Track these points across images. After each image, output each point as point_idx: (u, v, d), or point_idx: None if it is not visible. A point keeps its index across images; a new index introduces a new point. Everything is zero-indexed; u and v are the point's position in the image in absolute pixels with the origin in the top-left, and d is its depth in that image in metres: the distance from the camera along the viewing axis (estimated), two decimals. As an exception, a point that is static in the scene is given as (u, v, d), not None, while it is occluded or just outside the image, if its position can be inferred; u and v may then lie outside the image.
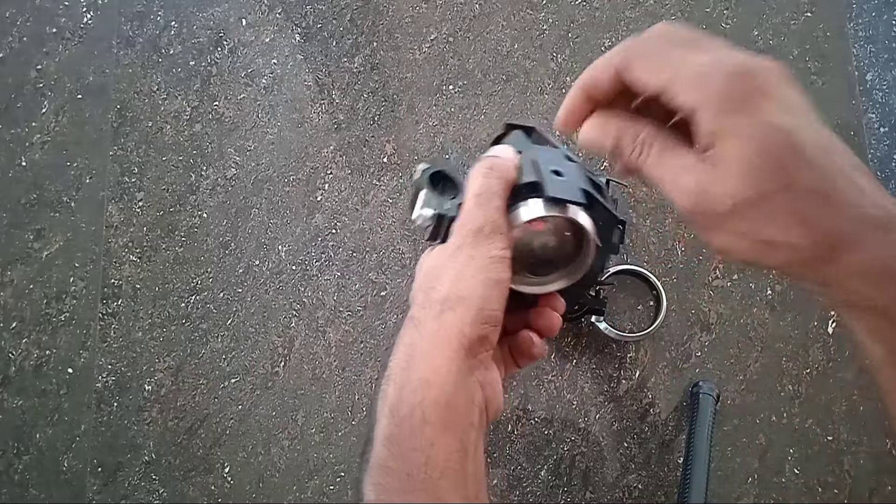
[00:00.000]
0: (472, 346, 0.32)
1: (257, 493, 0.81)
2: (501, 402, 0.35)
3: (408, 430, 0.30)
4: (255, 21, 0.94)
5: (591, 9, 0.93)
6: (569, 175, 0.37)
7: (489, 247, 0.33)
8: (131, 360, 0.85)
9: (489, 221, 0.34)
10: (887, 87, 0.92)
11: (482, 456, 0.32)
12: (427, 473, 0.29)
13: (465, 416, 0.31)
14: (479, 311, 0.32)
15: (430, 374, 0.31)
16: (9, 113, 0.92)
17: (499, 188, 0.35)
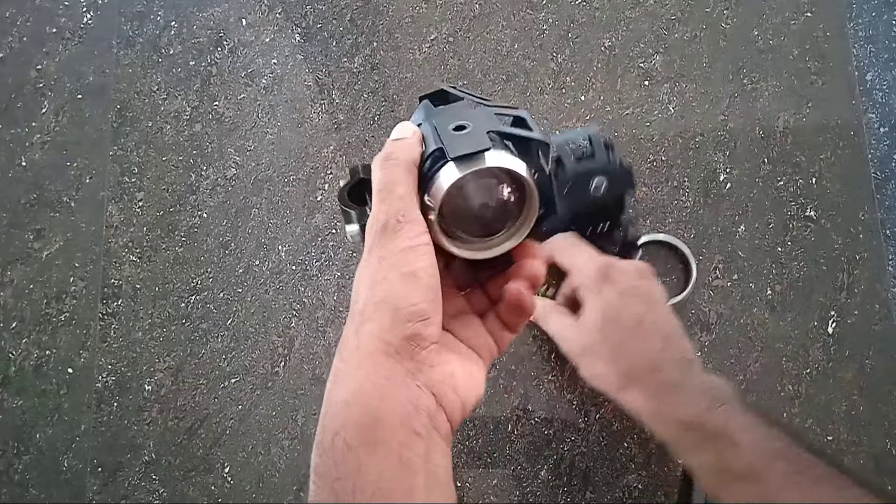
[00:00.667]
0: (399, 350, 0.30)
1: (257, 493, 0.81)
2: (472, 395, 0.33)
3: (331, 461, 0.28)
4: (255, 21, 0.94)
5: (591, 9, 0.93)
6: (473, 124, 0.34)
7: (397, 241, 0.31)
8: (131, 360, 0.85)
9: (392, 214, 0.31)
10: (887, 87, 0.92)
11: (440, 462, 0.29)
12: (354, 499, 0.27)
13: (399, 428, 0.28)
14: (395, 312, 0.30)
15: (350, 394, 0.29)
16: (9, 113, 0.92)
17: (398, 175, 0.32)
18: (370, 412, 0.29)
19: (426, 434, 0.29)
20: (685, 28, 0.92)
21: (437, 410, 0.31)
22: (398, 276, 0.30)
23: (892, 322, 0.84)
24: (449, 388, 0.31)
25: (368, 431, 0.28)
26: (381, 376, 0.29)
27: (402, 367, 0.30)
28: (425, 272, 0.30)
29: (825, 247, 0.85)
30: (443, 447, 0.30)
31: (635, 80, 0.90)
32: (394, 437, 0.28)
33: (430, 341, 0.31)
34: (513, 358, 0.83)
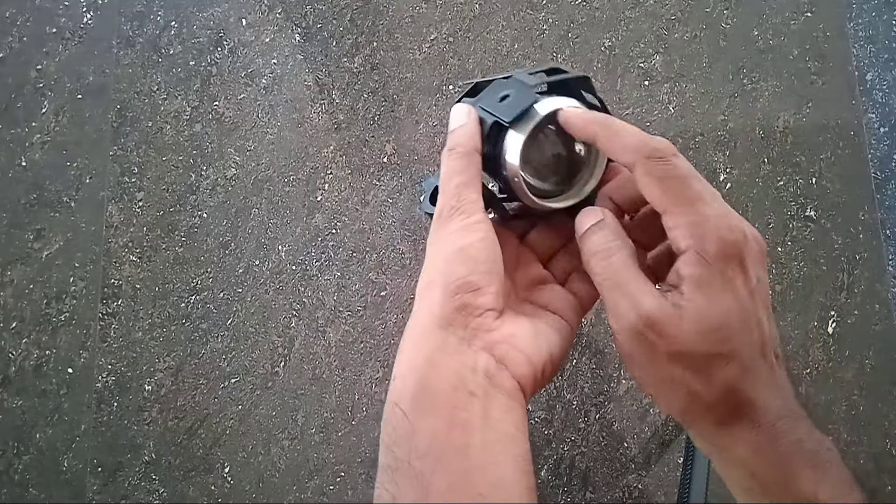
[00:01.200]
0: (451, 321, 0.31)
1: (257, 493, 0.81)
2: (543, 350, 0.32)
3: (391, 429, 0.30)
4: (255, 21, 0.94)
5: (591, 9, 0.93)
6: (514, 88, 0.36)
7: (448, 226, 0.33)
8: (131, 360, 0.85)
9: (447, 204, 0.33)
10: (887, 87, 0.92)
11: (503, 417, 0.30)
12: (410, 461, 0.29)
13: (452, 392, 0.30)
14: (444, 287, 0.31)
15: (405, 369, 0.31)
16: (9, 113, 0.92)
17: (456, 165, 0.34)
18: (421, 381, 0.30)
19: (482, 394, 0.30)
20: (685, 28, 0.91)
21: (497, 369, 0.31)
22: (445, 255, 0.32)
23: (892, 322, 0.84)
24: (510, 347, 0.32)
25: (420, 399, 0.30)
26: (432, 347, 0.31)
27: (455, 336, 0.31)
28: (473, 247, 0.32)
29: (825, 247, 0.85)
30: (505, 403, 0.31)
31: (635, 80, 0.90)
32: (445, 402, 0.30)
33: (484, 308, 0.31)
34: (513, 358, 0.84)
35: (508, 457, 0.30)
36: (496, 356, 0.31)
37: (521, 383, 0.31)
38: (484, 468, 0.29)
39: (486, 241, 0.32)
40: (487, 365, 0.31)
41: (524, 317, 0.34)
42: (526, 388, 0.32)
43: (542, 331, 0.34)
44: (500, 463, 0.29)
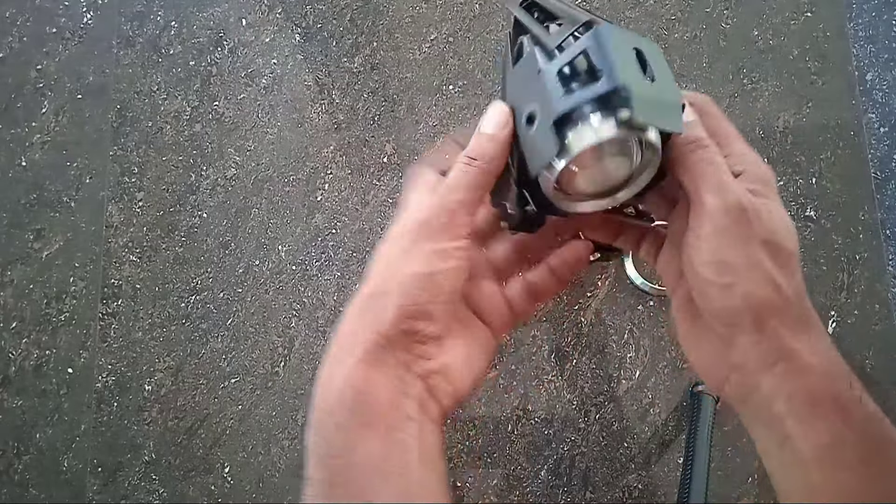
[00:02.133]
0: (395, 343, 0.30)
1: (257, 493, 0.81)
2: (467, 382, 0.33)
3: (323, 439, 0.29)
4: (255, 21, 0.94)
5: (590, 9, 0.93)
6: (659, 73, 0.29)
7: (430, 241, 0.30)
8: (131, 360, 0.85)
9: (439, 217, 0.30)
10: (887, 87, 0.92)
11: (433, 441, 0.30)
12: (348, 476, 0.28)
13: (389, 411, 0.29)
14: (399, 309, 0.30)
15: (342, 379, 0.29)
16: (9, 113, 0.92)
17: (470, 181, 0.31)
18: (360, 396, 0.29)
19: (418, 418, 0.30)
20: (685, 28, 0.92)
21: (427, 399, 0.31)
22: (414, 274, 0.30)
23: (892, 322, 0.84)
24: (441, 379, 0.31)
25: (359, 414, 0.29)
26: (370, 364, 0.30)
27: (395, 358, 0.30)
28: (443, 275, 0.30)
29: (825, 247, 0.86)
30: (432, 429, 0.31)
31: (635, 80, 0.90)
32: (384, 420, 0.29)
33: (430, 336, 0.31)
34: (513, 358, 0.83)
35: (438, 475, 0.30)
36: (429, 386, 0.31)
37: (444, 412, 0.32)
38: (423, 485, 0.29)
39: (456, 270, 0.31)
40: (420, 394, 0.31)
41: (458, 340, 0.33)
42: (447, 416, 0.32)
43: (472, 358, 0.33)
44: (434, 481, 0.30)
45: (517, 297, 0.36)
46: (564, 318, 0.84)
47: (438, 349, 0.31)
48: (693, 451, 0.75)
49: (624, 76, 0.27)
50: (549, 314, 0.85)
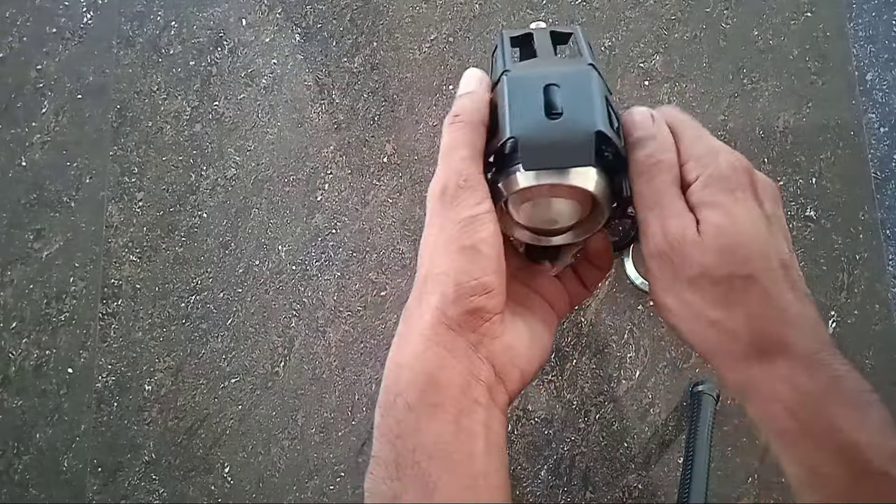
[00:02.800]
0: (461, 323, 0.29)
1: (257, 493, 0.81)
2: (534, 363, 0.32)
3: (393, 419, 0.28)
4: (255, 21, 0.94)
5: (591, 9, 0.93)
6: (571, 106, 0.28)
7: (456, 209, 0.30)
8: (131, 360, 0.85)
9: (451, 179, 0.30)
10: (887, 87, 0.92)
11: (499, 430, 0.30)
12: (415, 458, 0.27)
13: (460, 396, 0.29)
14: (457, 287, 0.29)
15: (412, 359, 0.29)
16: (9, 113, 0.92)
17: (463, 137, 0.31)
18: (430, 377, 0.29)
19: (486, 403, 0.30)
20: (685, 28, 0.92)
21: (496, 382, 0.31)
22: (458, 248, 0.29)
23: (892, 322, 0.84)
24: (508, 361, 0.31)
25: (428, 395, 0.29)
26: (441, 346, 0.29)
27: (464, 340, 0.30)
28: (486, 243, 0.29)
29: (825, 247, 0.86)
30: (500, 417, 0.31)
31: (635, 80, 0.90)
32: (453, 404, 0.29)
33: (494, 312, 0.30)
34: (513, 358, 0.84)
35: (503, 466, 0.30)
36: (496, 369, 0.31)
37: (510, 398, 0.31)
38: (487, 476, 0.29)
39: (495, 235, 0.30)
40: (489, 377, 0.30)
41: (520, 320, 0.33)
42: (512, 401, 0.32)
43: (536, 335, 0.33)
44: (499, 472, 0.29)
45: (569, 281, 0.37)
46: (564, 318, 0.84)
47: (502, 327, 0.31)
48: (693, 451, 0.75)
49: (514, 128, 0.28)
50: (549, 314, 0.85)
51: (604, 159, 0.30)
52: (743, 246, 0.28)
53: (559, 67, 0.31)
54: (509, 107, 0.29)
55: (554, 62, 0.32)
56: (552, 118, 0.29)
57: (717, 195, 0.29)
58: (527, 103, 0.29)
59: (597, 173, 0.29)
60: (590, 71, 0.30)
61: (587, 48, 0.34)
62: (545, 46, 0.34)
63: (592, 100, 0.29)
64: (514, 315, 0.32)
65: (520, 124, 0.29)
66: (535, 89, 0.29)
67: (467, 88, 0.33)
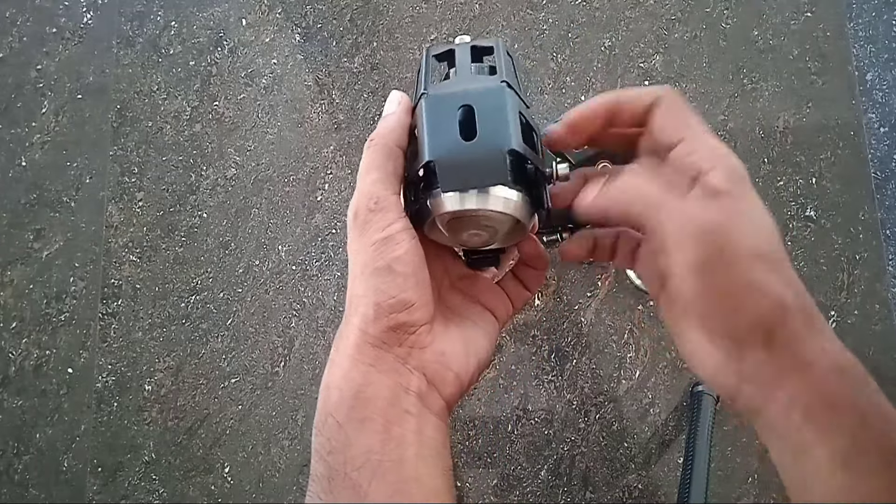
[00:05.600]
0: (385, 340, 0.30)
1: (257, 493, 0.81)
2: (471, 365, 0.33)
3: (324, 437, 0.29)
4: (255, 21, 0.94)
5: (591, 9, 0.93)
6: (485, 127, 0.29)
7: (369, 232, 0.30)
8: (131, 360, 0.85)
9: (362, 203, 0.31)
10: (887, 87, 0.92)
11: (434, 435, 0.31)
12: (345, 471, 0.28)
13: (388, 408, 0.30)
14: (376, 307, 0.30)
15: (340, 380, 0.30)
16: (9, 113, 0.92)
17: (375, 159, 0.32)
18: (357, 394, 0.30)
19: (417, 412, 0.30)
20: (685, 28, 0.92)
21: (427, 390, 0.31)
22: (373, 270, 0.30)
23: (892, 322, 0.84)
24: (440, 366, 0.32)
25: (356, 411, 0.30)
26: (367, 363, 0.30)
27: (390, 355, 0.30)
28: (400, 262, 0.30)
29: (825, 247, 0.85)
30: (435, 422, 0.31)
31: (635, 80, 0.90)
32: (381, 416, 0.30)
33: (419, 325, 0.31)
34: (513, 358, 0.83)
35: (440, 470, 0.30)
36: (427, 376, 0.31)
37: (447, 402, 0.32)
38: (419, 480, 0.29)
39: (410, 253, 0.30)
40: (419, 386, 0.31)
41: (454, 325, 0.33)
42: (451, 406, 0.32)
43: (471, 339, 0.34)
44: (433, 475, 0.30)
45: (511, 287, 0.38)
46: (564, 318, 0.84)
47: (431, 336, 0.32)
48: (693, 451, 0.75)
49: (431, 152, 0.29)
50: (549, 314, 0.85)
51: (521, 175, 0.30)
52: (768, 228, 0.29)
53: (474, 86, 0.32)
54: (427, 129, 0.30)
55: (470, 81, 0.33)
56: (467, 139, 0.29)
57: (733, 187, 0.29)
58: (443, 125, 0.30)
59: (514, 191, 0.30)
60: (503, 89, 0.31)
61: (504, 63, 0.35)
62: (463, 63, 0.35)
63: (505, 118, 0.30)
64: (446, 322, 0.33)
65: (436, 147, 0.30)
66: (451, 111, 0.30)
67: (387, 111, 0.34)
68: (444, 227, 0.32)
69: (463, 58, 0.35)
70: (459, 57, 0.36)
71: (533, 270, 0.37)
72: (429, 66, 0.35)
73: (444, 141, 0.30)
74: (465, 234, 0.33)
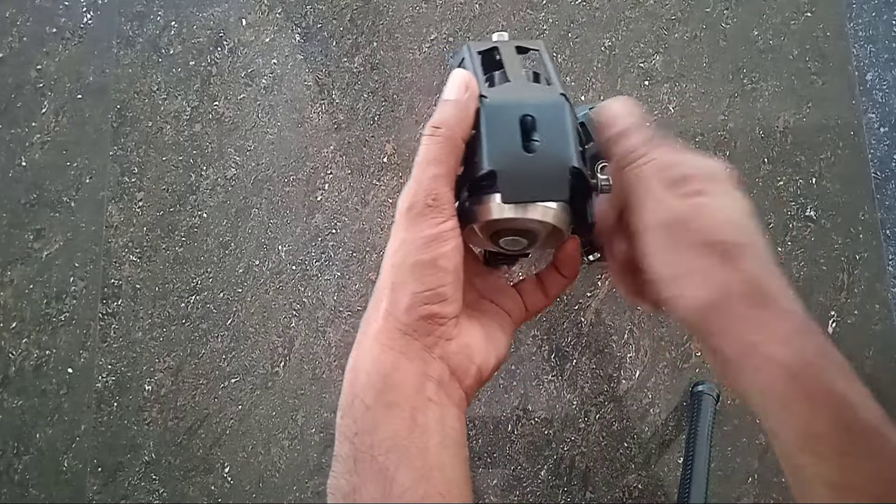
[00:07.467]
0: (416, 328, 0.31)
1: (257, 493, 0.81)
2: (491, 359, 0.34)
3: (351, 419, 0.30)
4: (255, 21, 0.94)
5: (591, 9, 0.93)
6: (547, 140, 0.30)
7: (421, 226, 0.31)
8: (131, 360, 0.85)
9: (420, 197, 0.31)
10: (887, 87, 0.92)
11: (454, 425, 0.32)
12: (372, 454, 0.29)
13: (414, 394, 0.31)
14: (412, 297, 0.31)
15: (368, 363, 0.31)
16: (9, 113, 0.92)
17: (438, 153, 0.31)
18: (385, 378, 0.31)
19: (439, 401, 0.31)
20: (685, 28, 0.92)
21: (449, 380, 0.32)
22: (416, 262, 0.31)
23: (892, 322, 0.84)
24: (464, 358, 0.33)
25: (383, 394, 0.31)
26: (396, 350, 0.31)
27: (419, 343, 0.32)
28: (445, 258, 0.31)
29: (825, 247, 0.85)
30: (456, 413, 0.32)
31: (635, 80, 0.90)
32: (407, 402, 0.31)
33: (449, 318, 0.32)
34: (513, 358, 0.83)
35: (460, 460, 0.31)
36: (451, 367, 0.32)
37: (467, 394, 0.33)
38: (442, 468, 0.30)
39: (455, 250, 0.31)
40: (442, 375, 0.32)
41: (476, 322, 0.35)
42: (469, 398, 0.34)
43: (492, 335, 0.35)
44: (454, 465, 0.31)
45: (529, 290, 0.38)
46: (564, 318, 0.84)
47: (457, 329, 0.33)
48: (693, 451, 0.75)
49: (491, 160, 0.29)
50: (549, 314, 0.85)
51: (575, 190, 0.31)
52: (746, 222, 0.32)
53: (534, 96, 0.32)
54: (487, 136, 0.30)
55: (527, 89, 0.34)
56: (529, 151, 0.30)
57: (709, 186, 0.32)
58: (504, 134, 0.30)
59: (564, 205, 0.31)
60: (563, 103, 0.32)
61: (554, 70, 0.35)
62: (515, 67, 0.35)
63: (566, 133, 0.30)
64: (469, 318, 0.34)
65: (497, 156, 0.30)
66: (512, 120, 0.30)
67: (453, 95, 0.33)
68: (483, 232, 0.33)
69: (512, 60, 0.36)
70: (507, 58, 0.36)
71: (559, 277, 0.38)
72: (475, 63, 0.35)
73: (506, 151, 0.30)
74: (504, 240, 0.33)
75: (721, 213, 0.31)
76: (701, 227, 0.31)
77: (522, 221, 0.31)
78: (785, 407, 0.29)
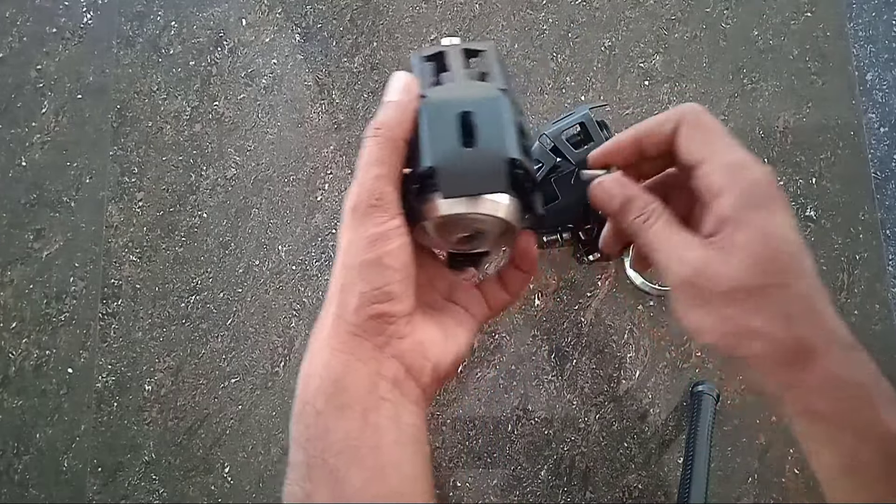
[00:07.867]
0: (365, 329, 0.31)
1: (257, 493, 0.81)
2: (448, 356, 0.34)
3: (303, 425, 0.30)
4: (255, 21, 0.94)
5: (591, 9, 0.93)
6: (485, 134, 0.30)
7: (365, 226, 0.31)
8: (131, 360, 0.85)
9: (363, 198, 0.31)
10: (887, 87, 0.92)
11: (411, 422, 0.31)
12: (324, 458, 0.29)
13: (366, 395, 0.30)
14: (360, 297, 0.31)
15: (318, 369, 0.31)
16: (9, 113, 0.92)
17: (380, 153, 0.31)
18: (336, 382, 0.31)
19: (394, 399, 0.31)
20: (685, 28, 0.92)
21: (405, 378, 0.32)
22: (363, 261, 0.31)
23: (892, 322, 0.84)
24: (419, 356, 0.32)
25: (335, 398, 0.30)
26: (346, 352, 0.31)
27: (369, 343, 0.31)
28: (391, 255, 0.31)
29: (825, 247, 0.86)
30: (413, 409, 0.32)
31: (635, 80, 0.90)
32: (359, 403, 0.30)
33: (399, 316, 0.32)
34: (513, 358, 0.83)
35: (419, 457, 0.31)
36: (405, 365, 0.32)
37: (424, 391, 0.33)
38: (398, 465, 0.30)
39: (402, 248, 0.31)
40: (396, 374, 0.32)
41: (430, 320, 0.34)
42: (428, 395, 0.33)
43: (450, 333, 0.35)
44: (412, 462, 0.31)
45: (491, 288, 0.38)
46: (564, 318, 0.84)
47: (411, 327, 0.32)
48: (693, 451, 0.75)
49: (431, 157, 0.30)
50: (549, 314, 0.85)
51: (516, 182, 0.31)
52: (778, 259, 0.30)
53: (473, 93, 0.33)
54: (427, 134, 0.31)
55: (467, 87, 0.34)
56: (468, 146, 0.30)
57: (749, 212, 0.30)
58: (443, 131, 0.31)
59: (509, 198, 0.31)
60: (501, 97, 0.32)
61: (498, 68, 0.35)
62: (457, 67, 0.36)
63: (503, 127, 0.31)
64: (425, 316, 0.34)
65: (437, 152, 0.30)
66: (451, 117, 0.31)
67: (394, 96, 0.33)
68: (434, 230, 0.33)
69: (456, 61, 0.36)
70: (452, 60, 0.36)
71: (519, 273, 0.38)
72: (419, 68, 0.36)
73: (445, 147, 0.30)
74: (455, 237, 0.33)
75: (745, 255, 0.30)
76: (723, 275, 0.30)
77: (466, 216, 0.31)
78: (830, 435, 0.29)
